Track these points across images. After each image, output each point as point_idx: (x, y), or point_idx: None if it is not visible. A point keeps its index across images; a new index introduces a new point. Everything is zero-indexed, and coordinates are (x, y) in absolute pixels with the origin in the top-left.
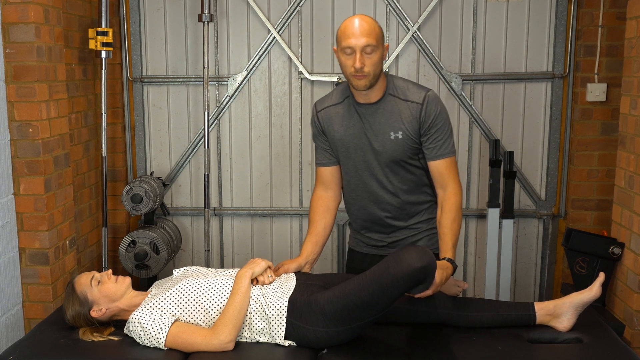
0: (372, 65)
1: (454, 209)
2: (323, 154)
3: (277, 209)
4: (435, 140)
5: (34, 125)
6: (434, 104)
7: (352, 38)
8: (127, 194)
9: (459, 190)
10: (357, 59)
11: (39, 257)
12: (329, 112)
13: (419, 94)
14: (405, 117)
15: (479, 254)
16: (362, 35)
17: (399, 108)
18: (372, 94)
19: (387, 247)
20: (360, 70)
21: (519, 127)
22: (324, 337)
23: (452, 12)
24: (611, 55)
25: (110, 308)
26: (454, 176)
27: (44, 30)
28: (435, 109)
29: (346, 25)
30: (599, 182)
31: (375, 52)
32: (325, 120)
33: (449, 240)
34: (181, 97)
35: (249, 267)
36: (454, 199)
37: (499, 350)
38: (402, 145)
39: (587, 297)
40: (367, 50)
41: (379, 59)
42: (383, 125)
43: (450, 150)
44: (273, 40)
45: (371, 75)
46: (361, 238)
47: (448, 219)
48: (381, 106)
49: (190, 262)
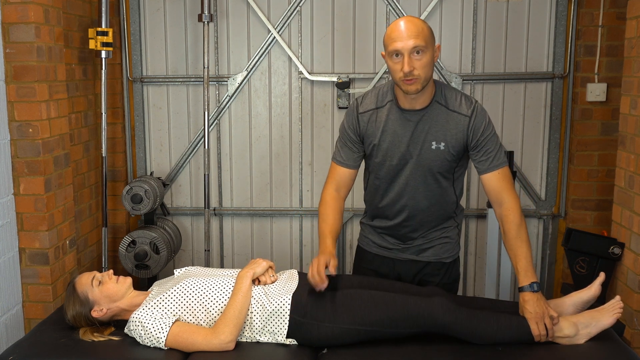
0: (422, 67)
1: (514, 228)
2: (349, 154)
3: (277, 209)
4: (487, 152)
5: (34, 125)
6: (482, 115)
7: (399, 41)
8: (127, 194)
9: (515, 204)
10: (406, 62)
11: (39, 257)
12: (372, 116)
13: (467, 106)
14: (450, 128)
15: (479, 254)
16: (409, 37)
17: (445, 118)
18: (418, 100)
19: (399, 251)
20: (409, 74)
21: (519, 127)
22: (327, 334)
23: (452, 12)
24: (611, 55)
25: (111, 308)
26: (509, 188)
27: (44, 30)
28: (483, 120)
29: (392, 28)
30: (599, 182)
31: (425, 54)
32: (366, 124)
33: (524, 263)
34: (181, 97)
35: (251, 267)
36: (512, 216)
37: (499, 351)
38: (441, 156)
39: (586, 296)
40: (416, 53)
41: (429, 61)
42: (426, 134)
43: (503, 161)
44: (273, 40)
45: (422, 78)
46: (374, 239)
47: (513, 240)
48: (427, 114)
49: (190, 262)
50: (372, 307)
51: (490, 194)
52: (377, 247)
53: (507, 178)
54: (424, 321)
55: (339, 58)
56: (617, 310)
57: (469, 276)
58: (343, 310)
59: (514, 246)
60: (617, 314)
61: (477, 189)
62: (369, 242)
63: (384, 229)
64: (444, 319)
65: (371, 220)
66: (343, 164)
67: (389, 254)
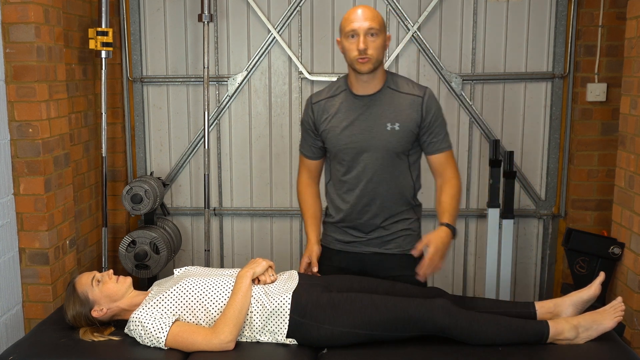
0: (375, 49)
1: (454, 189)
2: (310, 148)
3: (277, 209)
4: (437, 134)
5: (34, 125)
6: (433, 98)
7: (356, 22)
8: (127, 194)
9: (458, 176)
10: (362, 40)
11: (39, 257)
12: (325, 105)
13: (419, 89)
14: (404, 109)
15: (479, 254)
16: (365, 19)
17: (398, 100)
18: (370, 84)
19: (362, 244)
20: (364, 52)
21: (519, 127)
22: (327, 336)
23: (452, 12)
24: (611, 55)
25: (111, 308)
26: (452, 166)
27: (44, 30)
28: (435, 104)
29: (349, 12)
30: (599, 182)
31: (379, 37)
32: (320, 113)
33: (447, 210)
34: (181, 97)
35: (250, 267)
36: (454, 181)
37: (499, 350)
38: (397, 136)
39: (586, 295)
40: (371, 34)
41: (381, 44)
42: (380, 117)
43: (449, 145)
44: (273, 40)
45: (374, 58)
46: (336, 235)
47: (447, 195)
48: (379, 98)
49: (190, 262)
50: (373, 311)
51: (436, 170)
52: (341, 243)
53: (452, 159)
54: (424, 325)
55: (339, 58)
56: (618, 313)
57: (469, 276)
58: (343, 313)
59: (447, 200)
60: (618, 317)
61: (477, 189)
62: (332, 239)
63: (346, 222)
64: (444, 322)
65: (336, 211)
66: (308, 157)
67: (352, 249)
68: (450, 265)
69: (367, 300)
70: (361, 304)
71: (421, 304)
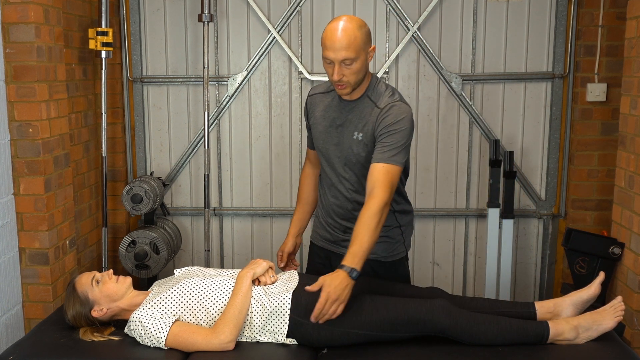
0: (352, 74)
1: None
2: (309, 137)
3: (277, 209)
4: (383, 145)
5: (34, 125)
6: (396, 113)
7: (331, 51)
8: (127, 194)
9: (382, 198)
10: (336, 71)
11: (39, 257)
12: (316, 99)
13: (386, 101)
14: (369, 120)
15: (479, 254)
16: (340, 49)
17: (367, 111)
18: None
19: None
20: (339, 81)
21: (519, 127)
22: (327, 336)
23: (452, 12)
24: (611, 55)
25: (111, 308)
26: (385, 184)
27: (44, 30)
28: (395, 118)
29: (327, 34)
30: (599, 182)
31: (356, 62)
32: (311, 105)
33: (354, 242)
34: (181, 97)
35: (251, 267)
36: (374, 200)
37: (499, 351)
38: (359, 146)
39: (586, 295)
40: (347, 63)
41: (360, 68)
42: (351, 124)
43: (395, 160)
44: (273, 40)
45: (352, 83)
46: (320, 231)
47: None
48: (357, 105)
49: (190, 262)
50: (373, 312)
51: (368, 183)
52: (322, 239)
53: (389, 176)
54: (424, 325)
55: None
56: (618, 312)
57: (469, 276)
58: (343, 314)
59: (358, 229)
60: (618, 317)
61: (477, 189)
62: (316, 235)
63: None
64: (444, 323)
65: (320, 207)
66: (308, 145)
67: (331, 247)
68: (450, 265)
69: (367, 300)
70: (361, 305)
71: (421, 305)
